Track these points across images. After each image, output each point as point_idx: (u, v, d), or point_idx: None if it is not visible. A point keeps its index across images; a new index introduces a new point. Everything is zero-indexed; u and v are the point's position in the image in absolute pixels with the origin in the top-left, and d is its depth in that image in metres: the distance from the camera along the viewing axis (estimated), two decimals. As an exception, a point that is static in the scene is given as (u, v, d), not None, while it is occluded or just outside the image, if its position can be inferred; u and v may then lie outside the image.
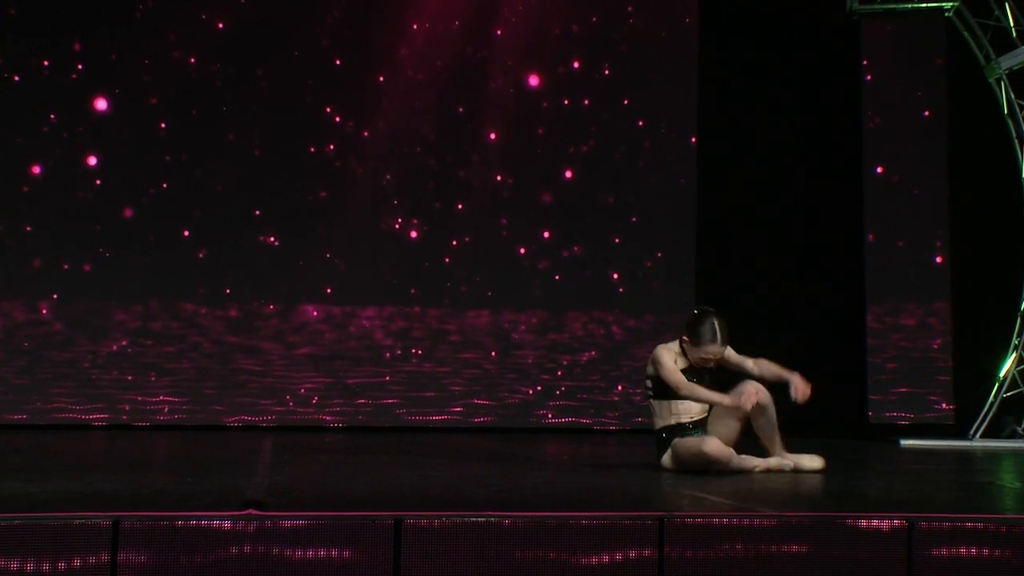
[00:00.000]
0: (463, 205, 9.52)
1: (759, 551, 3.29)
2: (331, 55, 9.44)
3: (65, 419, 8.79)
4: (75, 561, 3.03)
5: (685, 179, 9.72)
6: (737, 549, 3.28)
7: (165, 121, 9.17)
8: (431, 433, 8.89)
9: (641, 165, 9.74)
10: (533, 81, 9.69)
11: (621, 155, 9.73)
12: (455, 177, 9.53)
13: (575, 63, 9.75)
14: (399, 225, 9.45)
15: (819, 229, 9.73)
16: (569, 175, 9.67)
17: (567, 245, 9.60)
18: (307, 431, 8.81)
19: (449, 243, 9.49)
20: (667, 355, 5.35)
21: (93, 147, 9.04)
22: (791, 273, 9.64)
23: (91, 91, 9.04)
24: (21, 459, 5.82)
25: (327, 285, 9.31)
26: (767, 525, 3.34)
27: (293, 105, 9.32)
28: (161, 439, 7.80)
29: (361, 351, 9.31)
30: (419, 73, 9.50)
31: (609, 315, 9.62)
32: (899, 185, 9.67)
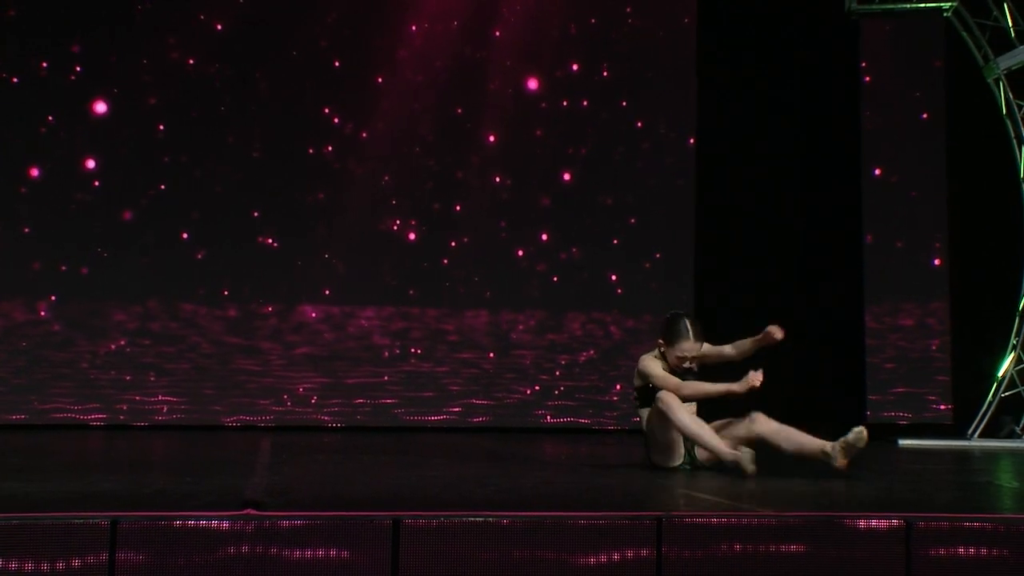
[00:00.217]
0: (462, 206, 9.52)
1: (757, 551, 3.29)
2: (330, 56, 9.44)
3: (64, 419, 8.78)
4: (74, 561, 3.03)
5: (684, 180, 9.71)
6: (735, 549, 3.28)
7: (164, 122, 9.16)
8: (429, 433, 8.89)
9: (640, 166, 9.74)
10: (532, 82, 9.69)
11: (620, 156, 9.73)
12: (454, 178, 9.52)
13: (574, 64, 9.74)
14: (398, 226, 9.44)
15: (818, 230, 9.73)
16: (568, 176, 9.67)
17: (566, 246, 9.60)
18: (305, 431, 8.80)
19: (448, 244, 9.49)
20: (653, 364, 5.35)
21: (92, 148, 9.02)
22: (790, 274, 9.64)
23: (90, 93, 9.02)
24: (20, 459, 5.82)
25: (326, 286, 9.31)
26: (765, 525, 3.35)
27: (292, 106, 9.31)
28: (160, 439, 7.80)
29: (360, 351, 9.31)
30: (418, 74, 9.49)
31: (608, 315, 9.62)
32: (898, 186, 9.68)
